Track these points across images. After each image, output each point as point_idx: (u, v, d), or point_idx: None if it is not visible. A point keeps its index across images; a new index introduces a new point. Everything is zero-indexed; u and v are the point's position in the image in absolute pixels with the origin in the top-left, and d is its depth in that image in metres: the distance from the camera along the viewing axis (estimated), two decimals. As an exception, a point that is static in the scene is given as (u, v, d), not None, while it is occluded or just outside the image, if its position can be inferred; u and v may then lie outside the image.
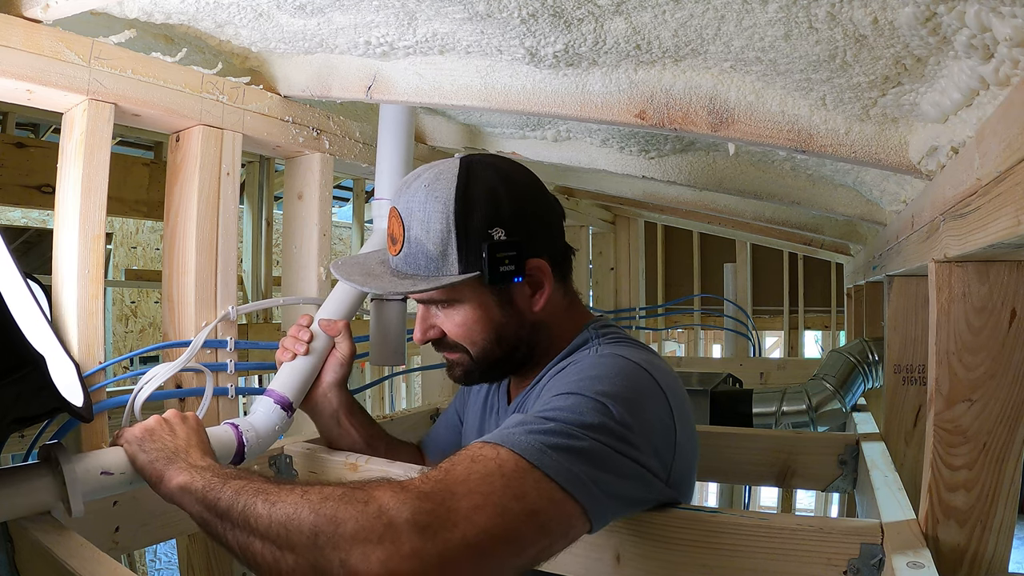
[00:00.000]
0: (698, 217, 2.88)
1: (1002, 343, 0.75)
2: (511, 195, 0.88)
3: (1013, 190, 0.53)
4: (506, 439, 0.68)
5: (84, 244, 0.99)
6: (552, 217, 0.95)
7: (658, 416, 0.79)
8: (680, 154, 1.59)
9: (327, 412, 1.11)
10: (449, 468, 0.65)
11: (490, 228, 0.85)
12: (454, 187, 0.86)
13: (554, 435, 0.68)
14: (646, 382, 0.80)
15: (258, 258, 2.54)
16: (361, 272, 0.95)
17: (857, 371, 1.76)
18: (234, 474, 0.73)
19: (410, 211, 0.87)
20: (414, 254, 0.87)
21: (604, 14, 0.85)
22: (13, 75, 0.89)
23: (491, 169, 0.89)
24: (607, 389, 0.74)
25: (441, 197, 0.85)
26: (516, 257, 0.86)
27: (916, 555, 0.74)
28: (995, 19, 0.55)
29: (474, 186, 0.86)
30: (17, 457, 1.84)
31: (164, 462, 0.79)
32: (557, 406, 0.73)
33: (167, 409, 1.04)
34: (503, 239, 0.85)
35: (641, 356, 0.84)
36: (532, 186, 0.93)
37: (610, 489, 0.70)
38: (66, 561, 0.68)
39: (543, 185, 0.95)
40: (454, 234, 0.85)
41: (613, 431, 0.71)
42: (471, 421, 1.11)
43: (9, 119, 2.46)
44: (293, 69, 1.28)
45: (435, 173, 0.88)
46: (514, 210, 0.87)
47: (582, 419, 0.70)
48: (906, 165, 0.88)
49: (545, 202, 0.94)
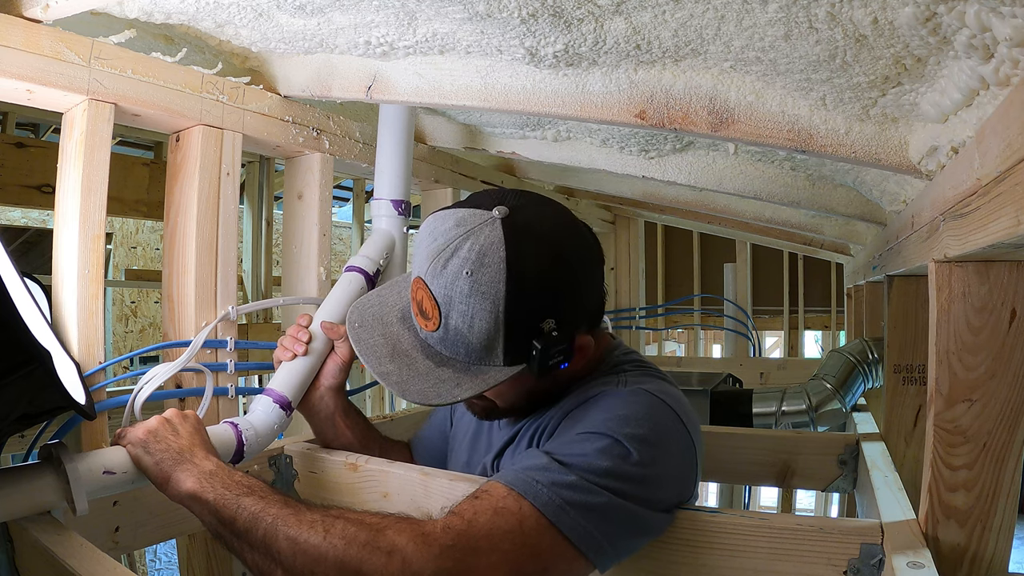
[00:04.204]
0: (698, 217, 2.88)
1: (1002, 343, 0.75)
2: (562, 274, 0.79)
3: (1013, 190, 0.53)
4: (529, 490, 0.70)
5: (84, 244, 0.99)
6: (596, 272, 0.86)
7: (680, 447, 0.81)
8: (680, 154, 1.59)
9: (323, 414, 1.11)
10: (472, 519, 0.68)
11: (541, 321, 0.77)
12: (503, 280, 0.75)
13: (574, 490, 0.70)
14: (668, 417, 0.81)
15: (258, 258, 2.54)
16: (387, 347, 0.84)
17: (857, 371, 1.76)
18: (244, 485, 0.75)
19: (449, 300, 0.77)
20: (452, 340, 0.79)
21: (604, 14, 0.85)
22: (13, 75, 0.89)
23: (538, 242, 0.78)
24: (633, 431, 0.75)
25: (489, 294, 0.75)
26: (565, 348, 0.79)
27: (916, 555, 0.74)
28: (995, 19, 0.55)
29: (524, 274, 0.76)
30: (17, 457, 1.84)
31: (170, 463, 0.79)
32: (582, 452, 0.74)
33: (167, 409, 1.04)
34: (555, 332, 0.78)
35: (659, 387, 0.84)
36: (580, 248, 0.83)
37: (621, 543, 0.74)
38: (66, 561, 0.68)
39: (582, 228, 0.86)
40: (503, 333, 0.77)
41: (633, 477, 0.73)
42: (465, 425, 1.09)
43: (9, 119, 2.47)
44: (293, 69, 1.28)
45: (478, 255, 0.76)
46: (565, 292, 0.79)
47: (604, 466, 0.72)
48: (906, 165, 0.88)
49: (590, 259, 0.84)
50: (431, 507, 1.01)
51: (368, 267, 1.31)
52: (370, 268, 1.31)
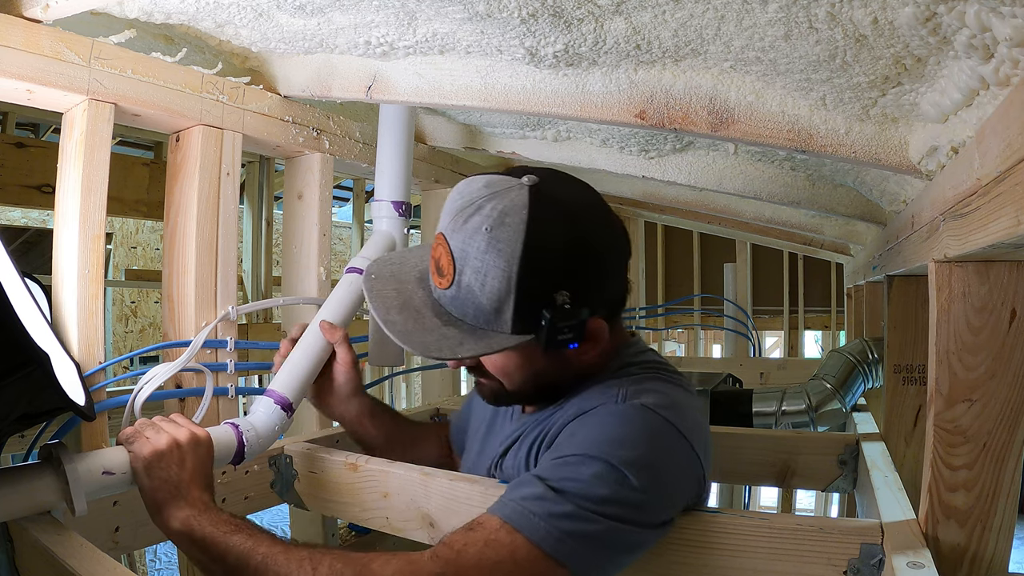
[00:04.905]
0: (698, 217, 2.88)
1: (1002, 343, 0.75)
2: (582, 248, 0.77)
3: (1013, 190, 0.53)
4: (524, 523, 0.69)
5: (84, 244, 0.99)
6: (620, 262, 0.84)
7: (679, 463, 0.79)
8: (680, 154, 1.59)
9: (349, 419, 1.12)
10: (461, 549, 0.68)
11: (555, 291, 0.75)
12: (521, 241, 0.74)
13: (571, 519, 0.70)
14: (666, 434, 0.78)
15: (258, 258, 2.55)
16: (399, 300, 0.83)
17: (857, 371, 1.76)
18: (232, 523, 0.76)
19: (465, 255, 0.76)
20: (463, 300, 0.78)
21: (604, 14, 0.85)
22: (13, 75, 0.89)
23: (564, 215, 0.77)
24: (628, 455, 0.73)
25: (504, 252, 0.74)
26: (577, 324, 0.77)
27: (916, 555, 0.74)
28: (995, 19, 0.55)
29: (544, 239, 0.75)
30: (17, 457, 1.84)
31: (164, 495, 0.79)
32: (577, 477, 0.72)
33: (167, 409, 1.05)
34: (567, 306, 0.76)
35: (659, 399, 0.80)
36: (605, 227, 0.81)
37: (616, 562, 0.73)
38: (66, 561, 0.68)
39: (613, 218, 0.84)
40: (513, 296, 0.75)
41: (630, 502, 0.72)
42: (479, 414, 1.09)
43: (9, 119, 2.47)
44: (293, 69, 1.28)
45: (500, 213, 0.75)
46: (584, 267, 0.77)
47: (601, 493, 0.71)
48: (906, 165, 0.88)
49: (616, 247, 0.83)
50: (431, 507, 1.01)
51: (368, 267, 1.31)
52: (370, 268, 1.31)
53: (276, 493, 1.18)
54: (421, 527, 1.02)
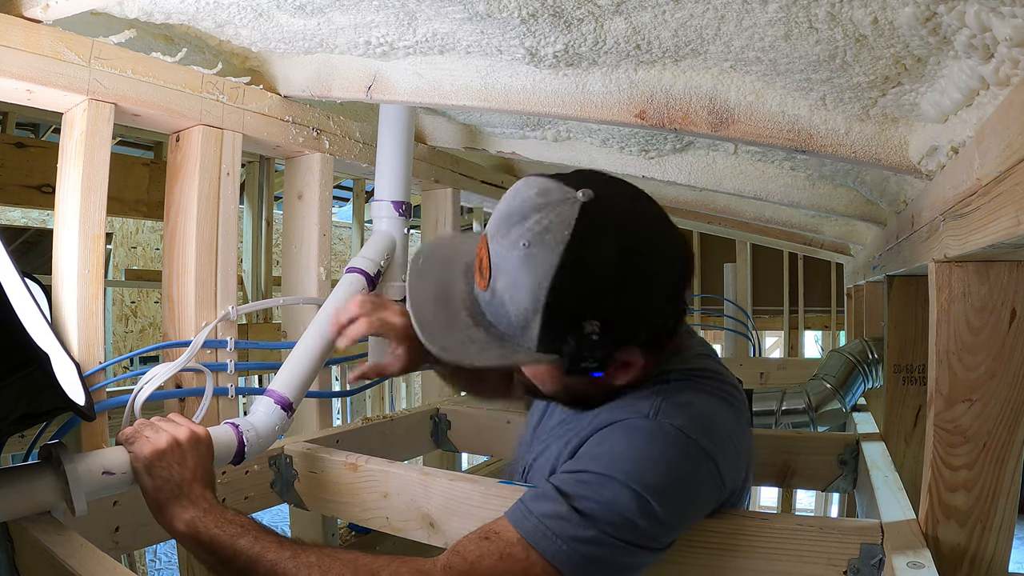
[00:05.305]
0: (698, 217, 2.87)
1: (1002, 343, 0.75)
2: (625, 276, 0.71)
3: (1013, 190, 0.53)
4: (542, 542, 0.69)
5: (84, 244, 0.99)
6: (675, 286, 0.77)
7: (703, 488, 0.78)
8: (680, 154, 1.59)
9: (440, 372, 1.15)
10: (475, 561, 0.69)
11: (583, 319, 0.71)
12: (557, 257, 0.69)
13: (590, 544, 0.70)
14: (694, 457, 0.75)
15: (258, 258, 2.55)
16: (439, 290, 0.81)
17: (857, 371, 1.76)
18: (238, 524, 0.76)
19: (499, 265, 0.73)
20: (496, 306, 0.75)
21: (604, 14, 0.85)
22: (13, 75, 0.89)
23: (612, 239, 0.71)
24: (652, 481, 0.72)
25: (536, 272, 0.70)
26: (604, 355, 0.74)
27: (916, 555, 0.74)
28: (995, 19, 0.55)
29: (581, 264, 0.70)
30: (17, 457, 1.83)
31: (167, 494, 0.79)
32: (600, 499, 0.71)
33: (167, 409, 1.04)
34: (595, 336, 0.72)
35: (690, 418, 0.77)
36: (658, 251, 0.75)
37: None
38: (66, 561, 0.68)
39: (672, 238, 0.78)
40: (540, 316, 0.71)
41: (649, 530, 0.72)
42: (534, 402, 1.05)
43: (9, 119, 2.47)
44: (293, 69, 1.28)
45: (542, 229, 0.71)
46: (622, 296, 0.72)
47: (622, 519, 0.70)
48: (906, 165, 0.88)
49: (671, 270, 0.77)
50: (431, 507, 1.01)
51: (369, 268, 1.31)
52: (371, 269, 1.31)
53: (276, 493, 1.18)
54: (421, 527, 1.02)
